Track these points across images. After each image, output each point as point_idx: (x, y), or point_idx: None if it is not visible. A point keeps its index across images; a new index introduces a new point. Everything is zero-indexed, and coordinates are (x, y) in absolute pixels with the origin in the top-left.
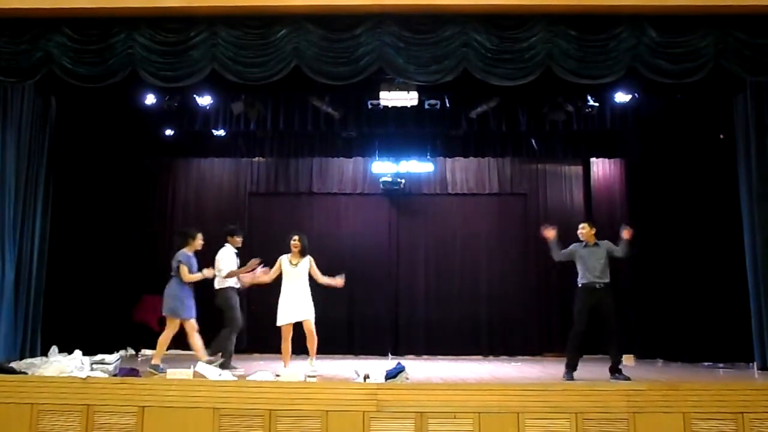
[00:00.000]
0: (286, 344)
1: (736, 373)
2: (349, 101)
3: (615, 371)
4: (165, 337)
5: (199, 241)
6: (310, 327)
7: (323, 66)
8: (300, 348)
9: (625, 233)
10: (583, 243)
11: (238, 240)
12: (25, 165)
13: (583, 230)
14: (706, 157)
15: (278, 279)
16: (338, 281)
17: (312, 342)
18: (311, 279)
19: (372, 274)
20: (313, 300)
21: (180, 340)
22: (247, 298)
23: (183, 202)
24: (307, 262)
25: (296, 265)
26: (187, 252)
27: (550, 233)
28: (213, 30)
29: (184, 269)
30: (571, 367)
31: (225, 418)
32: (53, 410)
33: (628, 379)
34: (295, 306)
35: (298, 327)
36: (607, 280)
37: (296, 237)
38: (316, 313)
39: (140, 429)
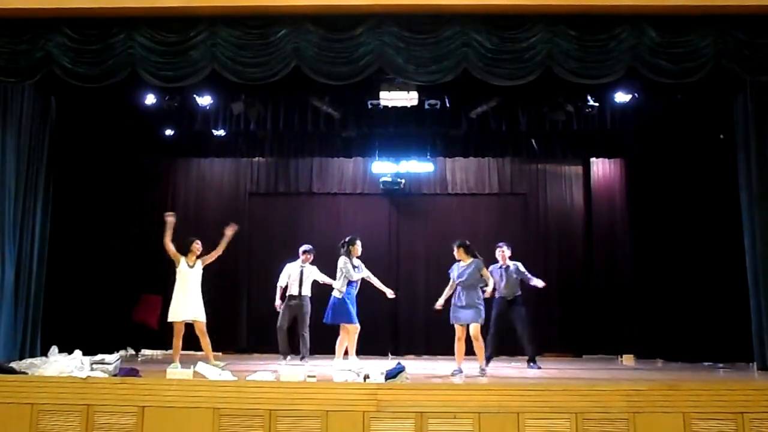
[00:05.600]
0: (178, 340)
1: (736, 373)
2: (349, 101)
3: (533, 361)
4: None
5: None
6: (202, 328)
7: (323, 66)
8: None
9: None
10: (500, 264)
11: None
12: (25, 165)
13: (506, 252)
14: (706, 157)
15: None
16: (229, 231)
17: (206, 343)
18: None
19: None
20: (311, 301)
21: (184, 340)
22: (248, 298)
23: (183, 202)
24: (200, 264)
25: (192, 266)
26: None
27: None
28: (213, 30)
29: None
30: (488, 361)
31: (225, 418)
32: (53, 410)
33: (540, 367)
34: (189, 305)
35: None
36: (519, 293)
37: (198, 242)
38: (316, 313)
39: (140, 429)
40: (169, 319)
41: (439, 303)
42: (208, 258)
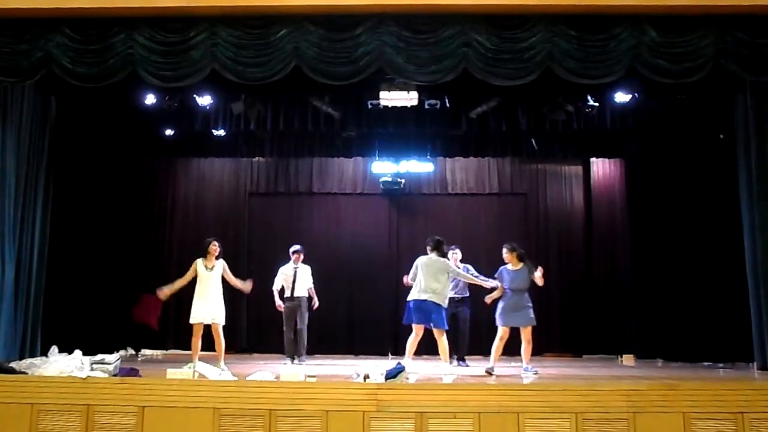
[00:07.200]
0: (197, 340)
1: (736, 373)
2: (349, 101)
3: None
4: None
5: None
6: (218, 330)
7: (323, 66)
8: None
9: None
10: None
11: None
12: (25, 165)
13: (458, 255)
14: (706, 157)
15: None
16: (247, 285)
17: (219, 345)
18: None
19: (372, 274)
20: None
21: (184, 340)
22: (248, 298)
23: (183, 202)
24: (221, 265)
25: (211, 268)
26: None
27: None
28: (213, 30)
29: None
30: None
31: (225, 418)
32: (53, 410)
33: (467, 365)
34: (208, 308)
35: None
36: (467, 294)
37: (216, 242)
38: (317, 313)
39: (140, 429)
40: (191, 321)
41: (490, 298)
42: (226, 274)
